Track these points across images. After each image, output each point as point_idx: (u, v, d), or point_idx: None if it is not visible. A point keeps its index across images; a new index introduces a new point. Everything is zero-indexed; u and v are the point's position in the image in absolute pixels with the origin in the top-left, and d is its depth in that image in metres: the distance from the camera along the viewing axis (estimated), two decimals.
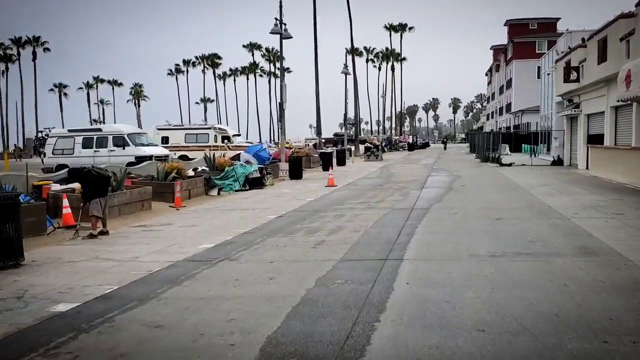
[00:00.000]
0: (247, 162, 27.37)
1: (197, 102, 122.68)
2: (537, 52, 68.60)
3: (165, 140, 36.60)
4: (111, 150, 25.14)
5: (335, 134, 73.22)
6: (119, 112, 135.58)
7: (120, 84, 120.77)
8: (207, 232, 11.27)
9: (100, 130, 26.72)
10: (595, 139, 25.41)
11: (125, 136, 25.64)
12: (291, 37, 28.96)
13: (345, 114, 46.21)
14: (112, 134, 25.75)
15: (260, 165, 23.25)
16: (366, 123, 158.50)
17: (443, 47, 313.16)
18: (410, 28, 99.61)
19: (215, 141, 35.95)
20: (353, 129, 58.72)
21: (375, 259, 8.07)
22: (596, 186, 18.82)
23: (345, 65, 46.45)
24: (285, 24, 28.61)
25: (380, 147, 62.27)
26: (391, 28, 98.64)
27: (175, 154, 35.98)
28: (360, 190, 19.40)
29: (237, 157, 28.18)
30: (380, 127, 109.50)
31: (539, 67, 68.96)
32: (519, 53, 69.22)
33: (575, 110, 27.41)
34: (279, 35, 28.80)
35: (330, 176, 21.97)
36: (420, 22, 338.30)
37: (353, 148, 55.87)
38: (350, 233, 10.51)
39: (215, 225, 12.25)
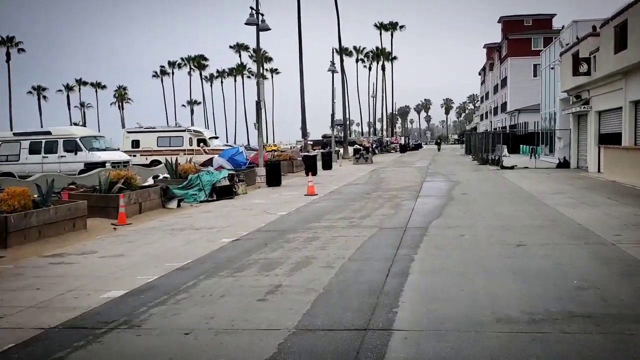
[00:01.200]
0: (220, 167, 24.53)
1: (183, 105, 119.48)
2: (532, 49, 66.14)
3: (135, 144, 33.63)
4: (61, 156, 22.15)
5: (324, 136, 70.47)
6: (103, 115, 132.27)
7: (104, 87, 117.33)
8: (129, 269, 8.33)
9: (49, 133, 23.67)
10: (608, 139, 22.68)
11: (78, 140, 22.64)
12: (269, 29, 26.09)
13: (333, 115, 43.39)
14: (63, 138, 22.74)
15: (231, 172, 20.32)
16: (357, 125, 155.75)
17: (435, 47, 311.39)
18: (401, 27, 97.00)
19: (190, 144, 33.03)
20: (343, 130, 55.90)
21: (350, 329, 5.16)
22: (620, 194, 16.03)
23: (332, 63, 43.62)
24: (262, 15, 25.76)
25: (370, 149, 59.53)
26: (381, 27, 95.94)
27: (146, 158, 33.07)
28: (344, 201, 16.51)
29: (210, 162, 25.28)
30: (371, 129, 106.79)
31: (535, 65, 66.54)
32: (514, 50, 66.72)
33: (584, 107, 24.68)
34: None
35: (310, 183, 19.08)
36: (411, 22, 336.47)
37: (342, 150, 53.15)
38: (321, 270, 7.61)
39: (147, 255, 9.31)
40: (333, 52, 43.70)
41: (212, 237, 10.85)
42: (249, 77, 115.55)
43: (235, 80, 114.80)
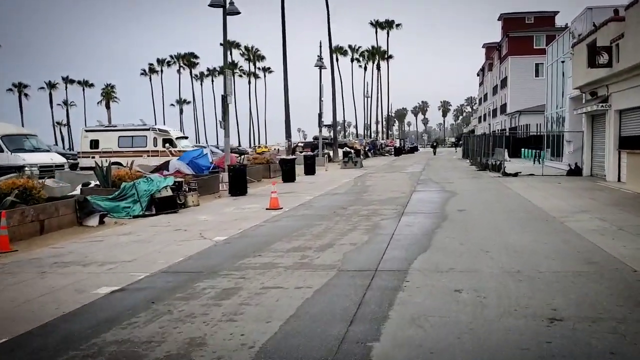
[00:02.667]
0: (177, 172, 21.01)
1: (172, 104, 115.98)
2: (534, 47, 62.77)
3: (94, 144, 30.06)
4: None
5: (316, 138, 66.79)
6: (90, 114, 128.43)
7: (92, 85, 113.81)
8: None
9: None
10: (631, 142, 19.23)
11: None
12: (238, 13, 22.64)
13: (320, 114, 39.87)
14: None
15: (178, 179, 16.76)
16: (354, 127, 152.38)
17: (433, 48, 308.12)
18: (398, 25, 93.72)
19: (155, 145, 29.46)
20: (332, 131, 52.42)
21: None
22: None
23: (320, 57, 40.09)
24: None
25: (362, 152, 56.04)
26: (377, 25, 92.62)
27: (106, 160, 29.46)
28: (310, 218, 13.00)
29: (167, 166, 21.76)
30: (366, 130, 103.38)
31: (537, 64, 63.12)
32: (515, 49, 63.33)
33: (601, 106, 21.22)
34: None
35: (274, 195, 15.51)
36: (409, 22, 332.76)
37: (331, 153, 49.69)
38: None
39: None
40: (321, 46, 40.23)
41: (87, 284, 7.31)
42: (240, 76, 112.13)
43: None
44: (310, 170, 30.20)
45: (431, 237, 10.05)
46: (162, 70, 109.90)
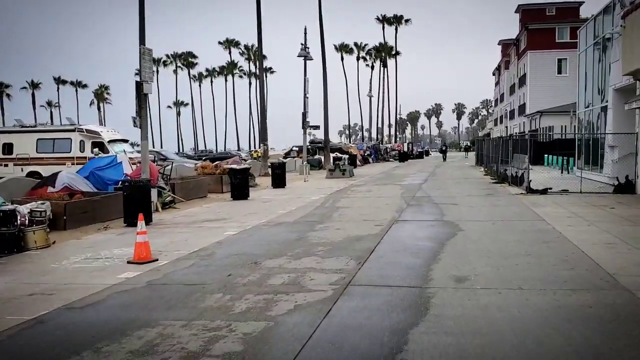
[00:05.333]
0: (67, 188, 14.87)
1: (169, 107, 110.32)
2: (556, 41, 55.92)
3: (8, 148, 23.99)
4: None
5: (312, 141, 60.34)
6: (83, 116, 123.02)
7: (85, 86, 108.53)
8: None
9: None
10: None
11: None
12: None
13: (304, 114, 33.50)
14: None
15: (6, 205, 10.49)
16: (366, 130, 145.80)
17: (445, 49, 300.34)
18: (407, 20, 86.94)
19: (82, 150, 23.34)
20: (327, 134, 46.06)
21: None
22: None
23: (304, 46, 33.73)
24: None
25: (361, 158, 49.64)
26: (384, 20, 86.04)
27: (22, 169, 23.44)
28: (159, 301, 6.67)
29: (54, 179, 15.58)
30: (378, 134, 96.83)
31: (559, 60, 56.24)
32: (535, 43, 56.48)
33: None
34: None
35: (141, 238, 9.09)
36: (419, 21, 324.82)
37: (323, 158, 43.34)
38: None
39: None
40: (306, 33, 33.78)
41: None
42: (241, 76, 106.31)
43: (225, 80, 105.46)
44: (279, 182, 23.86)
45: None
46: (157, 71, 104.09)
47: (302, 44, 33.37)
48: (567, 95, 51.90)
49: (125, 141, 25.07)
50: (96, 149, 22.71)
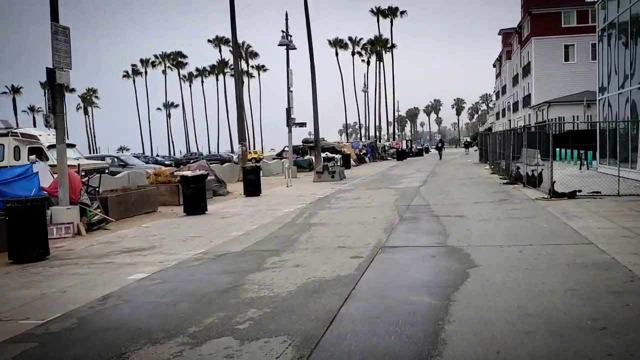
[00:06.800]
0: None
1: (159, 109, 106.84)
2: (562, 26, 52.19)
3: None
4: None
5: (305, 141, 56.56)
6: (71, 121, 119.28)
7: (72, 90, 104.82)
8: None
9: None
10: None
11: None
12: None
13: (289, 110, 29.86)
14: None
15: None
16: (365, 128, 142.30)
17: (443, 43, 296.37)
18: (402, 12, 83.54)
19: (17, 157, 19.72)
20: (317, 132, 42.36)
21: None
22: None
23: (286, 34, 30.06)
24: None
25: (356, 157, 46.04)
26: (379, 12, 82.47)
27: None
28: None
29: None
30: (378, 132, 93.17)
31: (566, 46, 52.33)
32: (539, 29, 52.67)
33: None
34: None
35: None
36: (417, 14, 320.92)
37: (314, 159, 39.70)
38: None
39: None
40: (287, 19, 30.08)
41: None
42: (232, 75, 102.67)
43: (217, 80, 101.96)
44: (252, 189, 20.23)
45: None
46: (146, 72, 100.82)
47: (283, 32, 29.73)
48: (576, 83, 48.20)
49: (71, 146, 21.41)
50: (33, 156, 19.00)
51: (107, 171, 21.27)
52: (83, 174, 19.43)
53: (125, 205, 15.23)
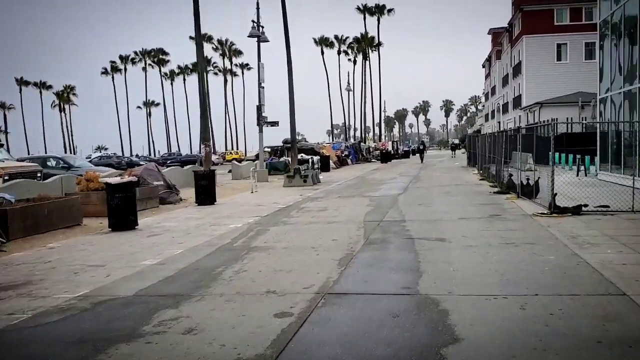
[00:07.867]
0: None
1: (139, 107, 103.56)
2: (555, 24, 49.95)
3: None
4: None
5: (285, 141, 53.75)
6: (48, 119, 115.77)
7: (49, 87, 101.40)
8: None
9: None
10: None
11: None
12: None
13: (259, 107, 27.15)
14: None
15: None
16: (353, 129, 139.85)
17: (432, 43, 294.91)
18: (389, 10, 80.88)
19: None
20: (294, 132, 39.65)
21: None
22: None
23: (256, 24, 27.32)
24: None
25: (337, 159, 43.43)
26: (365, 10, 79.91)
27: None
28: None
29: None
30: (355, 132, 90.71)
31: (559, 45, 50.07)
32: (531, 26, 50.35)
33: None
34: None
35: None
36: (405, 14, 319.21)
37: (290, 160, 36.99)
38: None
39: None
40: (258, 7, 27.32)
41: None
42: (215, 73, 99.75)
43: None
44: (204, 197, 17.52)
45: None
46: (125, 69, 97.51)
47: (253, 21, 26.96)
48: (569, 84, 45.95)
49: (1, 145, 18.59)
50: None
51: (39, 175, 18.48)
52: (7, 177, 16.58)
53: (35, 219, 12.43)
